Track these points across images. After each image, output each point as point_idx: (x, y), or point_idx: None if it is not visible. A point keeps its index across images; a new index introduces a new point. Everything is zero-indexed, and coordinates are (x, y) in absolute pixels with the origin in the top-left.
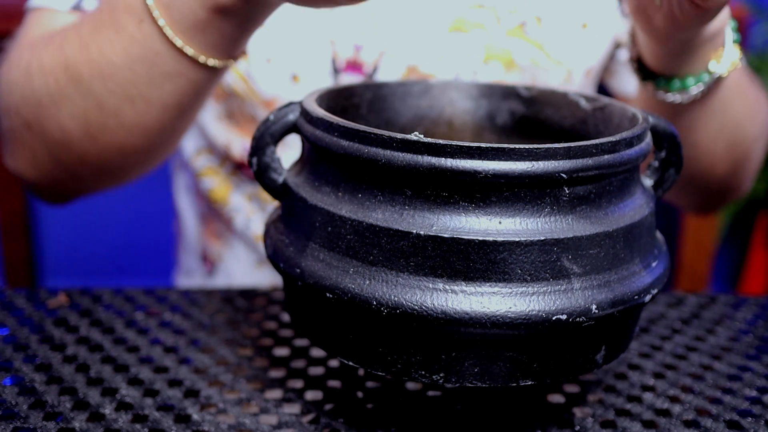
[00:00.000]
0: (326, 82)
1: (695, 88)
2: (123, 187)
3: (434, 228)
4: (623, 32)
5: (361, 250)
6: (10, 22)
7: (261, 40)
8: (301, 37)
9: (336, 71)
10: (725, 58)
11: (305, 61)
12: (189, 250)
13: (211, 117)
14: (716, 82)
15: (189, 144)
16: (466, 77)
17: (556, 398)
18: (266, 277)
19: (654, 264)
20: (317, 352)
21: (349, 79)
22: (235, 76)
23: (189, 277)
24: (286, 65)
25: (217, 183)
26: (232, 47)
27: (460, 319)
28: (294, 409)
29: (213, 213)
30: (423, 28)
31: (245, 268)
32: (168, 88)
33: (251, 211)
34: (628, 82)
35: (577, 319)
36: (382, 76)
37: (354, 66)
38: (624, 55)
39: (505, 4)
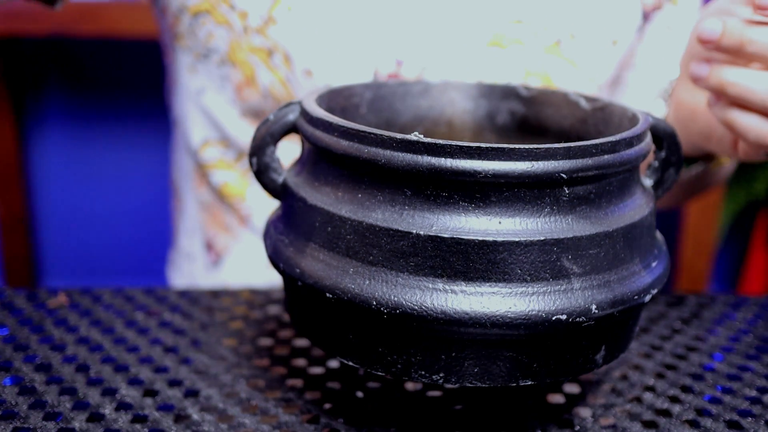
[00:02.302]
0: None
1: (688, 172)
2: (123, 188)
3: (434, 228)
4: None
5: (360, 250)
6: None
7: (303, 51)
8: (342, 51)
9: None
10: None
11: (346, 75)
12: (191, 233)
13: (233, 114)
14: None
15: (196, 134)
16: None
17: (556, 398)
18: (277, 276)
19: (654, 264)
20: (317, 352)
21: None
22: (275, 80)
23: (191, 261)
24: (327, 78)
25: (232, 178)
26: None
27: (460, 319)
28: (294, 409)
29: (223, 206)
30: (462, 43)
31: (257, 265)
32: None
33: (272, 210)
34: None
35: (577, 319)
36: None
37: None
38: (632, 78)
39: (542, 20)
